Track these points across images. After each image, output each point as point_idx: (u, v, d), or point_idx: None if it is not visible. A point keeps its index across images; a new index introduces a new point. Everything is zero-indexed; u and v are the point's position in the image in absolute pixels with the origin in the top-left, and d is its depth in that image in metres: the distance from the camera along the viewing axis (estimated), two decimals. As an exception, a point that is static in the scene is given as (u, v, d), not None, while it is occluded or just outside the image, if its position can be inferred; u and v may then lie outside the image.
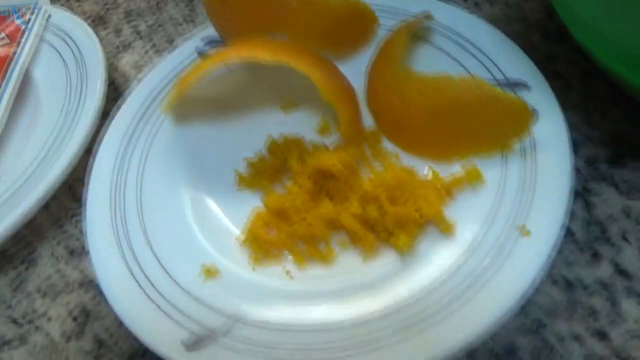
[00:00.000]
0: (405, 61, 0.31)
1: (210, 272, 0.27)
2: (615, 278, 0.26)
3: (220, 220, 0.31)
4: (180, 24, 0.45)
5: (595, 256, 0.27)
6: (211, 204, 0.31)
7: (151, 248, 0.29)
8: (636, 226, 0.27)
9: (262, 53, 0.30)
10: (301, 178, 0.30)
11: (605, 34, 0.26)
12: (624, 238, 0.27)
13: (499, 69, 0.31)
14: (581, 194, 0.29)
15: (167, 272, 0.28)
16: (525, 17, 0.38)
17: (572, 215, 0.28)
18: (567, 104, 0.32)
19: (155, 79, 0.36)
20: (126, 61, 0.43)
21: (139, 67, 0.43)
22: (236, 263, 0.28)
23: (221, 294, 0.27)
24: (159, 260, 0.28)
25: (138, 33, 0.45)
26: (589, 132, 0.31)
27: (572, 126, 0.31)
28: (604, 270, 0.26)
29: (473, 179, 0.28)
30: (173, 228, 0.30)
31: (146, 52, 0.43)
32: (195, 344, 0.24)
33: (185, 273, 0.28)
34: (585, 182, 0.29)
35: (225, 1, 0.34)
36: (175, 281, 0.27)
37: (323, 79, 0.30)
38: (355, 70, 0.34)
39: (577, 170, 0.30)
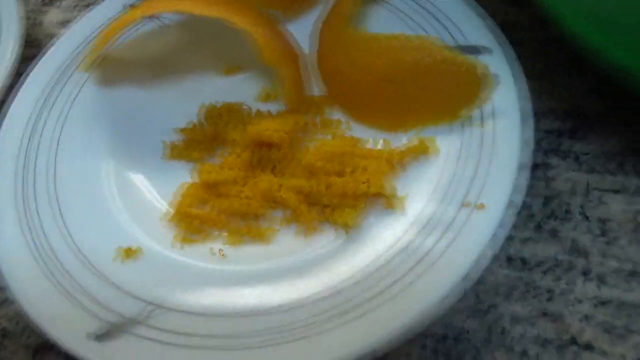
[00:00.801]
0: (357, 20, 0.28)
1: (129, 253, 0.24)
2: (572, 256, 0.24)
3: (146, 196, 0.27)
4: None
5: (552, 233, 0.25)
6: (136, 177, 0.28)
7: (63, 225, 0.25)
8: (594, 202, 0.26)
9: (195, 5, 0.26)
10: (239, 148, 0.27)
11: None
12: (582, 214, 0.25)
13: (460, 32, 0.29)
14: (540, 167, 0.27)
15: (81, 253, 0.24)
16: (488, -19, 0.35)
17: (530, 189, 0.26)
18: (529, 73, 0.30)
19: (77, 34, 0.32)
20: (51, 18, 0.39)
21: (66, 24, 0.38)
22: (160, 242, 0.25)
23: (140, 278, 0.23)
24: (71, 239, 0.25)
25: (66, -14, 0.40)
26: (551, 104, 0.29)
27: (533, 97, 0.30)
28: (561, 248, 0.25)
29: (427, 149, 0.26)
30: (90, 203, 0.26)
31: (75, 6, 0.39)
32: (106, 334, 0.21)
33: (100, 254, 0.24)
34: (545, 155, 0.28)
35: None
36: (89, 262, 0.24)
37: (264, 36, 0.27)
38: (307, 32, 0.31)
39: (537, 143, 0.28)
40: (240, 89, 0.31)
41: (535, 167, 0.27)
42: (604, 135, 0.28)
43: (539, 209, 0.26)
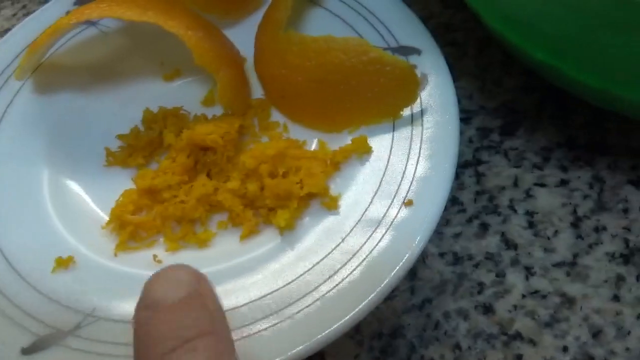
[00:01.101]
0: (290, 24, 0.29)
1: (61, 263, 0.24)
2: (502, 249, 0.25)
3: (84, 204, 0.27)
4: (56, -15, 0.39)
5: (483, 227, 0.26)
6: (74, 185, 0.27)
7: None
8: (523, 195, 0.27)
9: (126, 10, 0.26)
10: (175, 152, 0.27)
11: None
12: (511, 207, 0.26)
13: (390, 33, 0.30)
14: (472, 163, 0.28)
15: (9, 263, 0.24)
16: (425, -16, 0.36)
17: (461, 185, 0.27)
18: (462, 72, 0.31)
19: (13, 41, 0.31)
20: (-11, 26, 0.38)
21: (5, 33, 0.37)
22: (96, 251, 0.25)
23: (71, 287, 0.23)
24: (1, 252, 0.24)
25: (6, -5, 0.39)
26: (482, 102, 0.30)
27: (466, 95, 0.31)
28: (491, 241, 0.25)
29: (360, 149, 0.26)
30: (24, 213, 0.26)
31: (14, 15, 0.38)
32: (32, 346, 0.21)
33: (33, 265, 0.24)
34: (475, 152, 0.28)
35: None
36: (19, 275, 0.23)
37: (197, 39, 0.27)
38: (247, 34, 0.31)
39: (469, 140, 0.29)
40: (183, 94, 0.31)
41: (466, 163, 0.28)
42: (531, 131, 0.29)
43: (469, 204, 0.27)
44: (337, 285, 0.22)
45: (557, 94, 0.30)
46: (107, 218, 0.26)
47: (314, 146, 0.28)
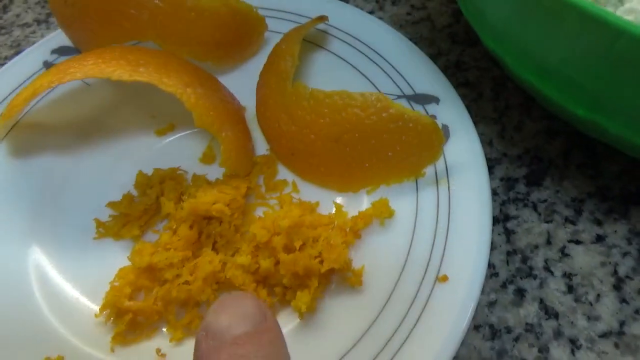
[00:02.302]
0: (300, 76, 0.26)
1: (50, 365, 0.21)
2: (542, 318, 0.23)
3: (74, 288, 0.24)
4: (30, 26, 0.36)
5: (519, 293, 0.24)
6: (62, 265, 0.24)
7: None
8: (558, 254, 0.25)
9: (115, 69, 0.23)
10: (175, 223, 0.24)
11: (518, 43, 0.22)
12: (547, 269, 0.24)
13: (405, 80, 0.27)
14: (500, 219, 0.26)
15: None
16: (431, 19, 0.34)
17: (491, 245, 0.25)
18: (479, 115, 0.29)
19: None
20: (-43, 75, 0.34)
21: (-25, 83, 0.34)
22: (91, 344, 0.22)
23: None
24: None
25: (-25, 39, 0.36)
26: (504, 149, 0.28)
27: (485, 142, 0.29)
28: (529, 310, 0.23)
29: (382, 214, 0.24)
30: (8, 303, 0.23)
31: (-15, 62, 0.35)
32: None
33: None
34: (502, 206, 0.26)
35: (67, 0, 0.27)
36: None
37: (196, 98, 0.24)
38: (245, 81, 0.29)
39: (494, 192, 0.27)
40: (178, 150, 0.28)
41: (493, 220, 0.26)
42: (559, 180, 0.27)
43: (502, 267, 0.25)
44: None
45: (584, 139, 0.28)
46: (100, 303, 0.23)
47: (327, 207, 0.25)
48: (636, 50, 0.17)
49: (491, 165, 0.28)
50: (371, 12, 0.35)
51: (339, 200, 0.25)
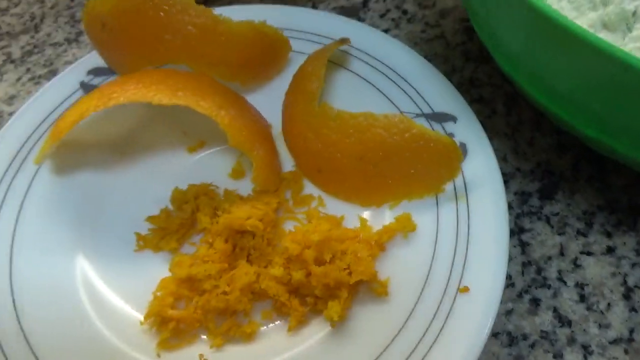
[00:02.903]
0: (322, 95, 0.28)
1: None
2: (556, 326, 0.25)
3: (121, 298, 0.25)
4: (62, 45, 0.38)
5: (534, 302, 0.25)
6: (107, 275, 0.26)
7: (24, 338, 0.23)
8: (571, 265, 0.26)
9: (155, 93, 0.25)
10: (211, 236, 0.26)
11: (530, 68, 0.24)
12: (560, 279, 0.26)
13: (423, 99, 0.29)
14: (515, 232, 0.27)
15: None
16: (444, 36, 0.36)
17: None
18: (493, 131, 0.31)
19: (28, 119, 0.30)
20: (-6, 93, 0.36)
21: (11, 100, 0.36)
22: (139, 351, 0.24)
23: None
24: (33, 354, 0.23)
25: (9, 57, 0.38)
26: (517, 163, 0.30)
27: (500, 157, 0.30)
28: (544, 318, 0.25)
29: (405, 228, 0.25)
30: (60, 311, 0.24)
31: (19, 79, 0.36)
32: None
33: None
34: (517, 219, 0.28)
35: (105, 26, 0.28)
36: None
37: (230, 119, 0.26)
38: (270, 99, 0.31)
39: (508, 206, 0.28)
40: (209, 166, 0.30)
41: (509, 232, 0.27)
42: (570, 194, 0.28)
43: (517, 277, 0.26)
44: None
45: (592, 154, 0.29)
46: (144, 311, 0.25)
47: (351, 220, 0.27)
48: (643, 82, 0.19)
49: (506, 180, 0.29)
50: (388, 30, 0.36)
51: (363, 214, 0.27)
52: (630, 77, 0.19)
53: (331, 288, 0.24)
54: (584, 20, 0.24)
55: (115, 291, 0.26)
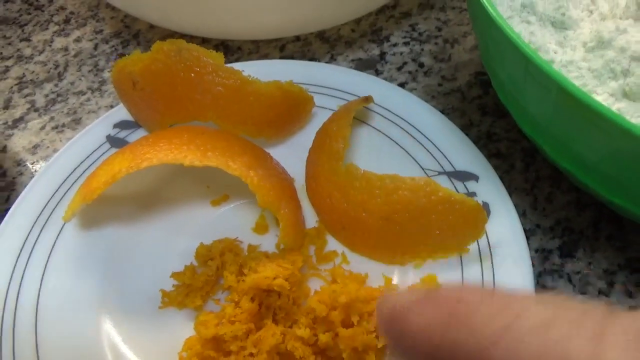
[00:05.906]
0: (347, 154, 0.28)
1: None
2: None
3: (143, 357, 0.25)
4: (85, 94, 0.39)
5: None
6: (131, 334, 0.26)
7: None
8: (595, 326, 0.26)
9: (186, 154, 0.26)
10: (237, 295, 0.26)
11: (552, 137, 0.24)
12: (585, 341, 0.26)
13: (445, 157, 0.30)
14: (537, 290, 0.28)
15: None
16: (461, 90, 0.37)
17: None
18: (511, 186, 0.32)
19: (55, 173, 0.30)
20: (17, 142, 0.37)
21: (35, 149, 0.36)
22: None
23: None
24: None
25: (33, 106, 0.38)
26: (537, 219, 0.30)
27: (519, 213, 0.30)
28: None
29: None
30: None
31: (42, 128, 0.37)
32: None
33: None
34: (539, 277, 0.28)
35: (136, 84, 0.29)
36: None
37: (259, 179, 0.26)
38: (292, 152, 0.31)
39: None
40: (232, 220, 0.30)
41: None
42: (591, 252, 0.29)
43: (543, 339, 0.26)
44: None
45: (611, 212, 0.30)
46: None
47: (375, 278, 0.27)
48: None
49: (527, 236, 0.30)
50: (405, 83, 0.37)
51: (386, 272, 0.27)
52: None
53: (359, 352, 0.24)
54: (605, 88, 0.25)
55: (140, 351, 0.26)
